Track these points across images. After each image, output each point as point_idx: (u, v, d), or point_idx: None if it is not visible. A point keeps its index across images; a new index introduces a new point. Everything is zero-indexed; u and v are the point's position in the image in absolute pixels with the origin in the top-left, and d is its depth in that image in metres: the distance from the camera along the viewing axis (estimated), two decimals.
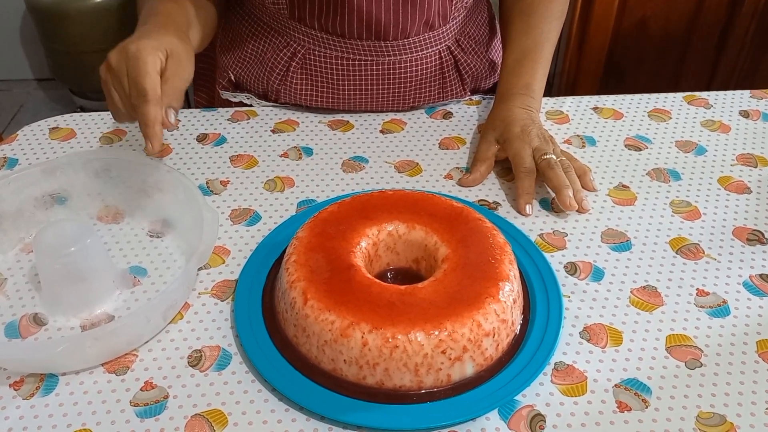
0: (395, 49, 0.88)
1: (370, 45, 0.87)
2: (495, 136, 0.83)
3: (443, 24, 0.90)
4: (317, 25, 0.86)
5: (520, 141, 0.81)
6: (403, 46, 0.88)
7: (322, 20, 0.86)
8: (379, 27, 0.86)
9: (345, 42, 0.87)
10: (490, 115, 0.88)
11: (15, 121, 2.41)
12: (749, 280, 0.70)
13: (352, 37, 0.87)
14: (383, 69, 0.89)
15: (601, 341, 0.63)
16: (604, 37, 1.99)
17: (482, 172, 0.82)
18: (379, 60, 0.89)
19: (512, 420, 0.57)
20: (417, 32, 0.88)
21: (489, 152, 0.82)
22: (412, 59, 0.90)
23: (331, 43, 0.88)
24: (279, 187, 0.81)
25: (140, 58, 0.66)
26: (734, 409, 0.58)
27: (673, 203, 0.79)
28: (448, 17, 0.90)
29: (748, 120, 0.93)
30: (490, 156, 0.82)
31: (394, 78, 0.90)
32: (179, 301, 0.65)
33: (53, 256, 0.63)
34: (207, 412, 0.57)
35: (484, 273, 0.61)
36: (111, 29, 2.09)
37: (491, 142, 0.83)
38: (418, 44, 0.89)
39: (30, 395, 0.59)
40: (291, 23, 0.88)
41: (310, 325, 0.58)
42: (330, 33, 0.87)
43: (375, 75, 0.90)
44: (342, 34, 0.87)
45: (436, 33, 0.90)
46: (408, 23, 0.86)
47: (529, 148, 0.80)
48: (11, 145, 0.86)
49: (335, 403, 0.57)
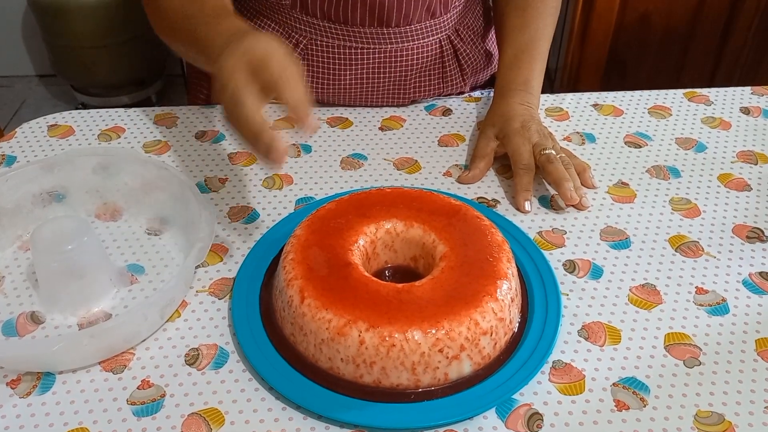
0: (397, 37, 0.88)
1: (372, 32, 0.88)
2: (494, 132, 0.83)
3: (444, 12, 0.90)
4: (320, 13, 0.87)
5: (520, 136, 0.80)
6: (405, 33, 0.89)
7: (325, 7, 0.86)
8: (383, 12, 0.86)
9: (348, 29, 0.87)
10: (489, 111, 0.87)
11: (17, 116, 2.41)
12: (749, 278, 0.69)
13: (355, 24, 0.87)
14: (385, 57, 0.90)
15: (600, 339, 0.63)
16: (606, 31, 1.98)
17: (481, 168, 0.81)
18: (381, 48, 0.89)
19: (510, 419, 0.57)
20: (419, 19, 0.88)
21: (488, 148, 0.82)
22: (413, 47, 0.90)
23: (334, 32, 0.88)
24: (277, 184, 0.80)
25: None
26: (732, 408, 0.58)
27: (673, 200, 0.79)
28: (450, 5, 0.90)
29: (748, 117, 0.93)
30: (489, 152, 0.82)
31: (396, 67, 0.90)
32: (177, 299, 0.65)
33: (51, 253, 0.63)
34: (204, 410, 0.57)
35: (482, 271, 0.61)
36: (112, 25, 2.08)
37: (490, 138, 0.83)
38: (419, 32, 0.89)
39: (27, 393, 0.59)
40: (293, 14, 0.88)
41: (307, 323, 0.58)
42: (333, 21, 0.87)
43: (377, 64, 0.90)
44: (345, 21, 0.87)
45: (437, 21, 0.90)
46: (411, 9, 0.87)
47: (529, 144, 0.80)
48: (9, 142, 0.86)
49: (332, 401, 0.57)
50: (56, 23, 2.09)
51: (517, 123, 0.82)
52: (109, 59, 2.15)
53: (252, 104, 0.59)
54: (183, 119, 0.90)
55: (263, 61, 0.60)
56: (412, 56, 0.91)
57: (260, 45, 0.61)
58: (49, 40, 2.18)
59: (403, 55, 0.90)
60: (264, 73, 0.59)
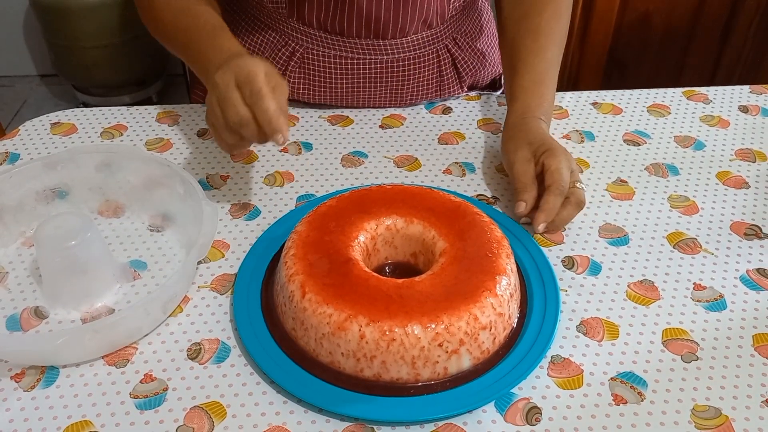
0: (393, 48, 0.88)
1: (368, 44, 0.88)
2: (531, 150, 0.76)
3: (441, 23, 0.90)
4: (316, 23, 0.87)
5: (565, 157, 0.74)
6: (402, 44, 0.89)
7: (321, 18, 0.86)
8: (378, 25, 0.86)
9: (343, 41, 0.87)
10: (515, 130, 0.80)
11: (18, 116, 2.42)
12: (746, 275, 0.70)
13: (351, 36, 0.87)
14: (381, 68, 0.90)
15: (598, 335, 0.64)
16: (606, 31, 1.98)
17: (534, 196, 0.74)
18: (377, 59, 0.89)
19: (508, 413, 0.57)
20: (415, 31, 0.88)
21: (531, 171, 0.75)
22: (410, 58, 0.90)
23: (330, 42, 0.88)
24: (278, 181, 0.81)
25: (247, 65, 0.68)
26: (729, 403, 0.58)
27: (671, 198, 0.79)
28: (446, 16, 0.90)
29: (747, 115, 0.93)
30: (533, 176, 0.75)
31: (393, 77, 0.91)
32: (179, 295, 0.65)
33: (54, 249, 0.64)
34: (206, 404, 0.58)
35: (482, 267, 0.62)
36: (113, 25, 2.09)
37: (529, 159, 0.76)
38: (416, 43, 0.89)
39: (31, 387, 0.59)
40: (290, 22, 0.88)
41: (308, 318, 0.59)
42: (329, 32, 0.87)
43: (373, 74, 0.90)
44: (341, 33, 0.87)
45: (434, 32, 0.90)
46: (407, 22, 0.87)
47: (569, 170, 0.74)
48: (13, 140, 0.86)
49: (333, 395, 0.57)
50: (58, 23, 2.10)
51: (557, 144, 0.76)
52: (111, 59, 2.15)
53: (238, 98, 0.67)
54: (185, 117, 0.91)
55: (248, 77, 0.67)
56: (409, 67, 0.90)
57: (248, 65, 0.68)
58: (50, 40, 2.19)
59: (399, 65, 0.90)
60: (244, 88, 0.67)
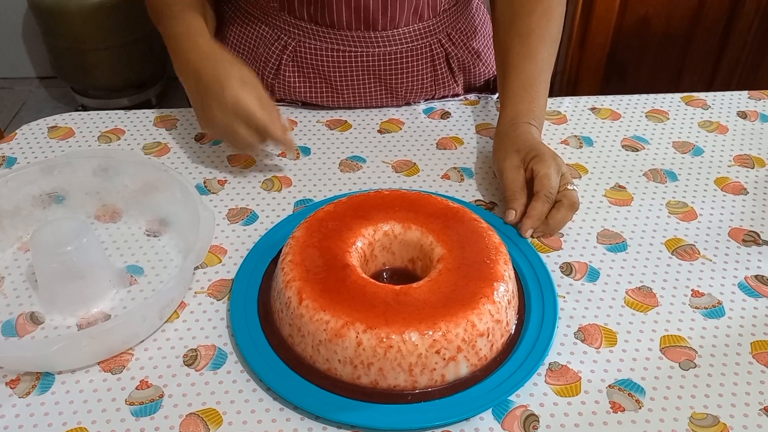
0: (385, 40, 0.89)
1: (360, 35, 0.88)
2: (520, 157, 0.77)
3: (432, 15, 0.90)
4: (307, 16, 0.87)
5: (554, 162, 0.74)
6: (393, 36, 0.89)
7: (312, 11, 0.87)
8: (368, 15, 0.86)
9: (335, 33, 0.88)
10: (504, 137, 0.80)
11: (17, 118, 2.41)
12: (744, 281, 0.70)
13: (342, 28, 0.87)
14: (374, 60, 0.90)
15: (596, 342, 0.64)
16: (605, 34, 1.98)
17: (524, 203, 0.74)
18: (369, 51, 0.89)
19: (506, 420, 0.57)
20: (407, 22, 0.89)
21: (521, 178, 0.76)
22: (402, 51, 0.90)
23: (321, 35, 0.88)
24: (276, 186, 0.81)
25: (239, 100, 0.75)
26: (727, 410, 0.58)
27: (670, 204, 0.79)
28: (438, 8, 0.90)
29: (745, 121, 0.93)
30: (523, 183, 0.76)
31: (386, 70, 0.91)
32: (175, 300, 0.65)
33: (50, 254, 0.63)
34: (202, 411, 0.58)
35: (480, 273, 0.62)
36: (113, 27, 2.09)
37: (519, 166, 0.76)
38: (408, 36, 0.90)
39: (26, 393, 0.59)
40: (281, 15, 0.88)
41: (305, 324, 0.59)
42: (320, 24, 0.88)
43: (366, 66, 0.90)
44: (332, 25, 0.87)
45: (426, 25, 0.90)
46: (397, 12, 0.87)
47: (558, 174, 0.74)
48: (10, 144, 0.86)
49: (330, 402, 0.57)
50: (57, 25, 2.10)
51: (545, 149, 0.76)
52: (110, 61, 2.15)
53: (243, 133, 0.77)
54: (182, 121, 0.91)
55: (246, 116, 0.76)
56: (401, 59, 0.91)
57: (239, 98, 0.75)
58: (49, 42, 2.18)
59: (392, 58, 0.90)
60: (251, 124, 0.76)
